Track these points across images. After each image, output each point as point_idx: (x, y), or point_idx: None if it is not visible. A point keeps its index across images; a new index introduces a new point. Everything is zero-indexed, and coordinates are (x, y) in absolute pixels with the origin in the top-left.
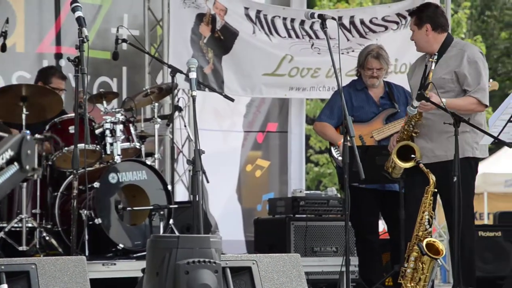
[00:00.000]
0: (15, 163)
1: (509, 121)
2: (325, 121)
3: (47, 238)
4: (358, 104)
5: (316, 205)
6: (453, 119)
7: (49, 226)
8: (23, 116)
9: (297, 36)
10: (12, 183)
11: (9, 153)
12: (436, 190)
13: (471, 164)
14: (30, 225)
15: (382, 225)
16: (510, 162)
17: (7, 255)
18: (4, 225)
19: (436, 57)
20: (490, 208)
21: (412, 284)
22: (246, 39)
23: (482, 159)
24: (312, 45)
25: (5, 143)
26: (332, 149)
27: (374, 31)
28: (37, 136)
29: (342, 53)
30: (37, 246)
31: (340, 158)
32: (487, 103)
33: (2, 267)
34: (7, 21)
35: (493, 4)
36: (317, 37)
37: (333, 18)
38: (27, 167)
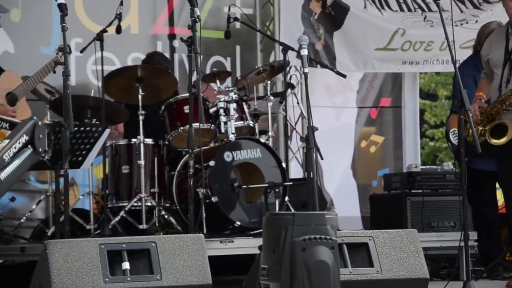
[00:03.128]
0: (29, 147)
1: None
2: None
3: (166, 216)
4: None
5: (432, 180)
6: None
7: (167, 205)
8: (139, 96)
9: (409, 9)
10: (27, 165)
11: (24, 138)
12: None
13: None
14: (149, 204)
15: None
16: None
17: (128, 234)
18: (125, 204)
19: None
20: None
21: None
22: (357, 14)
23: None
24: (425, 18)
25: (20, 129)
26: (450, 133)
27: (488, 2)
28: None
29: (456, 25)
30: (157, 224)
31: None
32: None
33: (124, 245)
34: (121, 3)
35: None
36: (430, 10)
37: None
38: (40, 149)
